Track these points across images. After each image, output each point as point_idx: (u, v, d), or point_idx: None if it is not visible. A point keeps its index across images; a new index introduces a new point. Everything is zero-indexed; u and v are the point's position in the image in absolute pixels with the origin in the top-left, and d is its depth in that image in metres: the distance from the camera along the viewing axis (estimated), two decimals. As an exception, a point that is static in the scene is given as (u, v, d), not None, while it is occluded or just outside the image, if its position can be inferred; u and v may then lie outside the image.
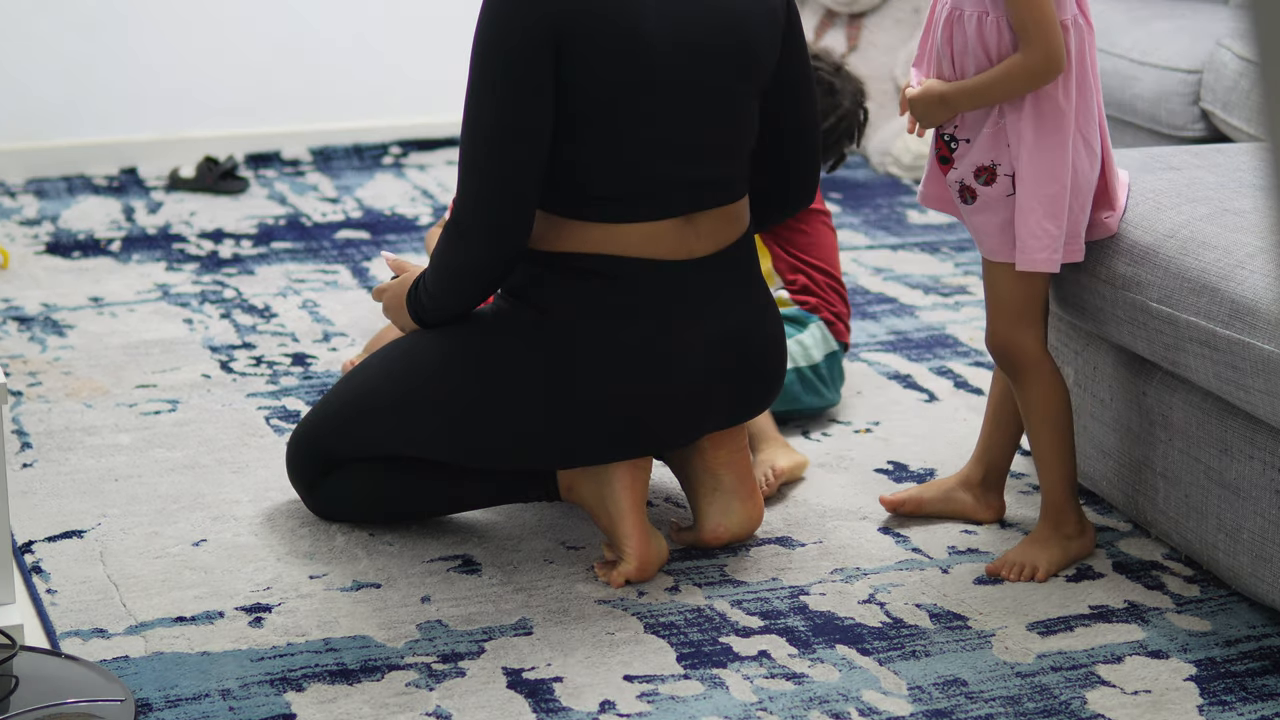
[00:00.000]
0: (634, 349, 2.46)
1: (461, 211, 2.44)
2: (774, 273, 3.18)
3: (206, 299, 3.72)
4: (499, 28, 2.38)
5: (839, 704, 2.23)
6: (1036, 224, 2.47)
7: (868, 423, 3.13)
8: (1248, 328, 2.31)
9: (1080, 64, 2.45)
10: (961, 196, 2.53)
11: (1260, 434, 2.37)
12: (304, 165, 4.81)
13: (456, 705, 2.21)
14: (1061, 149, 2.45)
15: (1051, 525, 2.59)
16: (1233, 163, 2.72)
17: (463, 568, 2.56)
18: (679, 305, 2.48)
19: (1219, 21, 4.16)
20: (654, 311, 2.47)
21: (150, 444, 2.96)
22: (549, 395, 2.46)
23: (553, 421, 2.48)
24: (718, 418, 2.56)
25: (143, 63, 4.74)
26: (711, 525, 2.61)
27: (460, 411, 2.51)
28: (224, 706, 2.19)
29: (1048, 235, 2.47)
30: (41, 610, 2.42)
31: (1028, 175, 2.46)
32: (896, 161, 4.84)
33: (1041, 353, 2.56)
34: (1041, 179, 2.45)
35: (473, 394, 2.49)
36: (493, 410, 2.49)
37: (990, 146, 2.48)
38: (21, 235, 4.15)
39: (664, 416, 2.50)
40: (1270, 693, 2.28)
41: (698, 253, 2.50)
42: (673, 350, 2.47)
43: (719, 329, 2.51)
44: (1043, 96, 2.44)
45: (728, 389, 2.54)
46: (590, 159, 2.43)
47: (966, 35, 2.46)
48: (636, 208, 2.46)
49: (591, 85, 2.40)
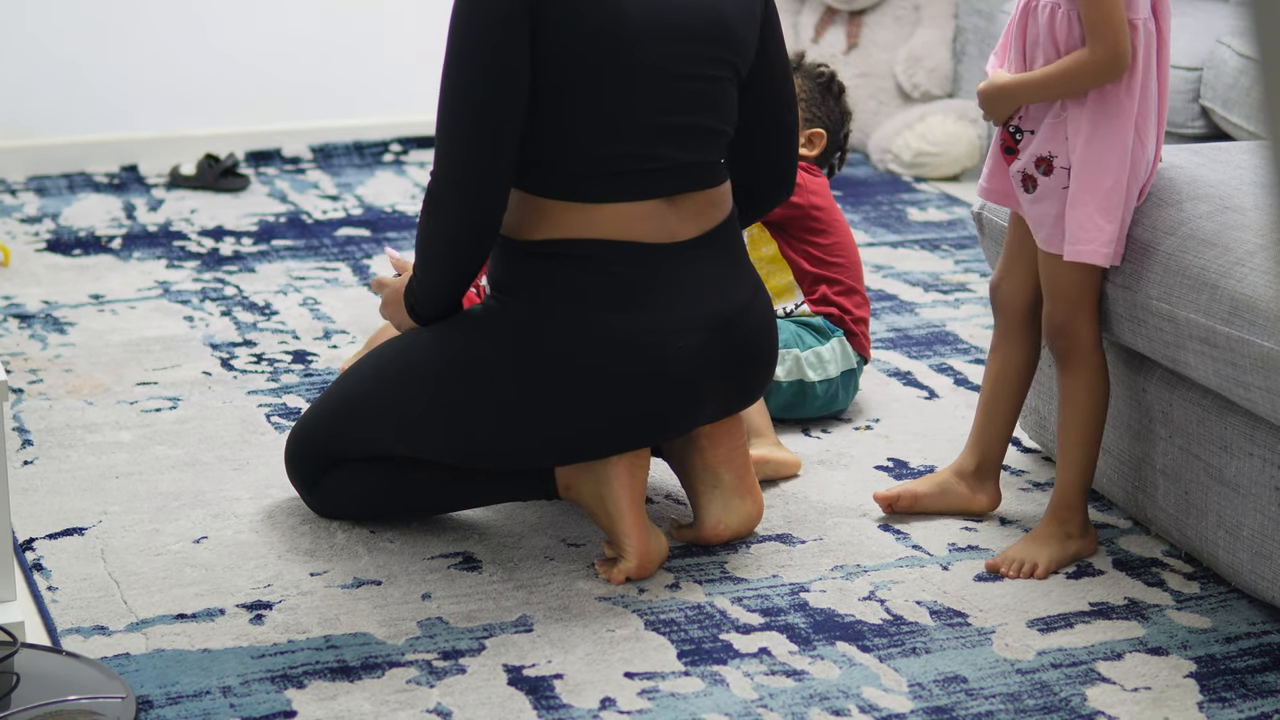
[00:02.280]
0: (623, 332, 2.46)
1: (437, 182, 2.47)
2: (794, 285, 3.17)
3: (207, 296, 3.72)
4: (475, 3, 2.42)
5: (839, 701, 2.23)
6: (1088, 217, 2.49)
7: (868, 420, 3.13)
8: (1247, 325, 2.31)
9: (1146, 66, 2.46)
10: (1024, 185, 2.56)
11: (1260, 431, 2.38)
12: (305, 163, 4.81)
13: (457, 702, 2.21)
14: (1119, 146, 2.47)
15: (1057, 522, 2.59)
16: (1233, 160, 2.72)
17: (463, 565, 2.56)
18: (665, 288, 2.49)
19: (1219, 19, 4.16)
20: (640, 294, 2.47)
21: (151, 441, 2.97)
22: (541, 389, 2.46)
23: (546, 416, 2.48)
24: (713, 406, 2.56)
25: (143, 60, 4.74)
26: (712, 522, 2.61)
27: (454, 412, 2.51)
28: (225, 704, 2.20)
29: (1097, 228, 2.49)
30: (42, 607, 2.42)
31: (1081, 168, 2.48)
32: (896, 159, 4.84)
33: (1095, 344, 2.57)
34: (1095, 173, 2.47)
35: (465, 394, 2.50)
36: (485, 409, 2.49)
37: (1050, 138, 2.51)
38: (22, 233, 4.15)
39: (657, 403, 2.49)
40: (1270, 689, 2.28)
41: (680, 236, 2.51)
42: (662, 331, 2.47)
43: (707, 311, 2.51)
44: (1105, 93, 2.46)
45: (721, 373, 2.53)
46: (569, 137, 2.45)
47: (1039, 26, 2.49)
48: (617, 187, 2.47)
49: (571, 64, 2.42)
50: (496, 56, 2.41)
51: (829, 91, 3.27)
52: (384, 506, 2.66)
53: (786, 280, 3.16)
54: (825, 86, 3.26)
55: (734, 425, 2.62)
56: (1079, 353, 2.57)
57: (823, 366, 3.07)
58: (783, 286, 3.16)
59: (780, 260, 3.16)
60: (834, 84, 3.28)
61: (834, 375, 3.08)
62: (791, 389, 3.05)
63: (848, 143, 3.32)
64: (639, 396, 2.48)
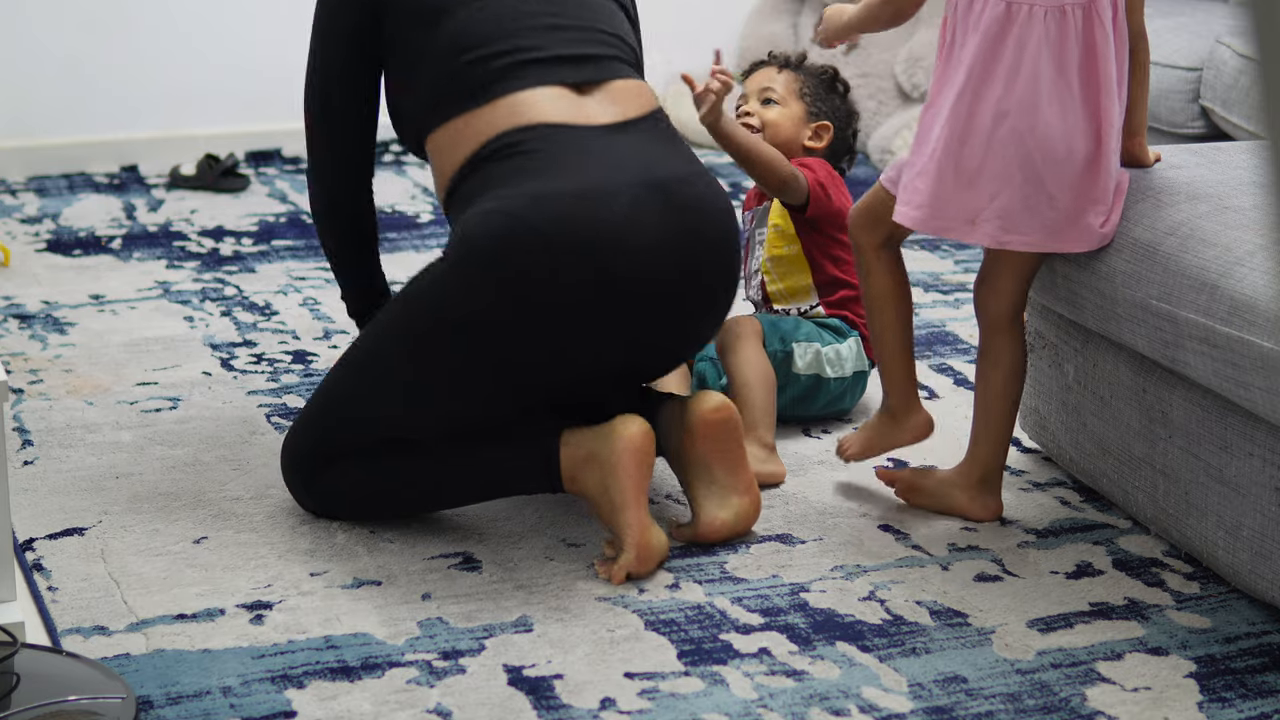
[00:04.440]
0: (549, 196, 2.50)
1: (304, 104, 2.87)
2: (812, 288, 3.17)
3: (207, 296, 3.73)
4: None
5: (839, 701, 2.23)
6: (909, 179, 2.60)
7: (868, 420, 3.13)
8: (1247, 325, 2.31)
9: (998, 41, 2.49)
10: None
11: (1260, 431, 2.38)
12: (305, 163, 4.80)
13: (457, 702, 2.21)
14: (931, 109, 2.57)
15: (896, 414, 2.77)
16: (1232, 160, 2.72)
17: (463, 565, 2.56)
18: (586, 158, 2.56)
19: (1218, 19, 4.17)
20: (560, 165, 2.54)
21: (151, 441, 2.97)
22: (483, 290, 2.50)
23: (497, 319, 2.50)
24: (672, 298, 2.56)
25: (143, 60, 4.74)
26: (707, 519, 2.61)
27: (424, 366, 2.56)
28: (225, 704, 2.20)
29: (914, 189, 2.58)
30: (43, 607, 2.42)
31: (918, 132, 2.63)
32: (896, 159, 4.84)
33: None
34: (921, 139, 2.59)
35: (429, 326, 2.56)
36: (447, 345, 2.54)
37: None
38: (22, 233, 4.15)
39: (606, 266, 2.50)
40: (1270, 689, 2.28)
41: (597, 119, 2.60)
42: (589, 193, 2.51)
43: (635, 176, 2.56)
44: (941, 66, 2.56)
45: (668, 242, 2.54)
46: (448, 54, 2.63)
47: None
48: (510, 80, 2.59)
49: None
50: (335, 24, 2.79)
51: (833, 89, 3.27)
52: (381, 503, 2.66)
53: (806, 282, 3.16)
54: (829, 83, 3.26)
55: (725, 416, 2.60)
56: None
57: (841, 364, 3.07)
58: (801, 288, 3.16)
59: (803, 261, 3.15)
60: (838, 81, 3.28)
61: (848, 374, 3.09)
62: (809, 381, 3.05)
63: (856, 142, 3.32)
64: (585, 263, 2.49)
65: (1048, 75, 2.47)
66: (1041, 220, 2.52)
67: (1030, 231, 2.53)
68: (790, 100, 3.23)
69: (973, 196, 2.52)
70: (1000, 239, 2.54)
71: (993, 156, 2.50)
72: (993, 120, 2.49)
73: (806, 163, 3.16)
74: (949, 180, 2.53)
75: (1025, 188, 2.50)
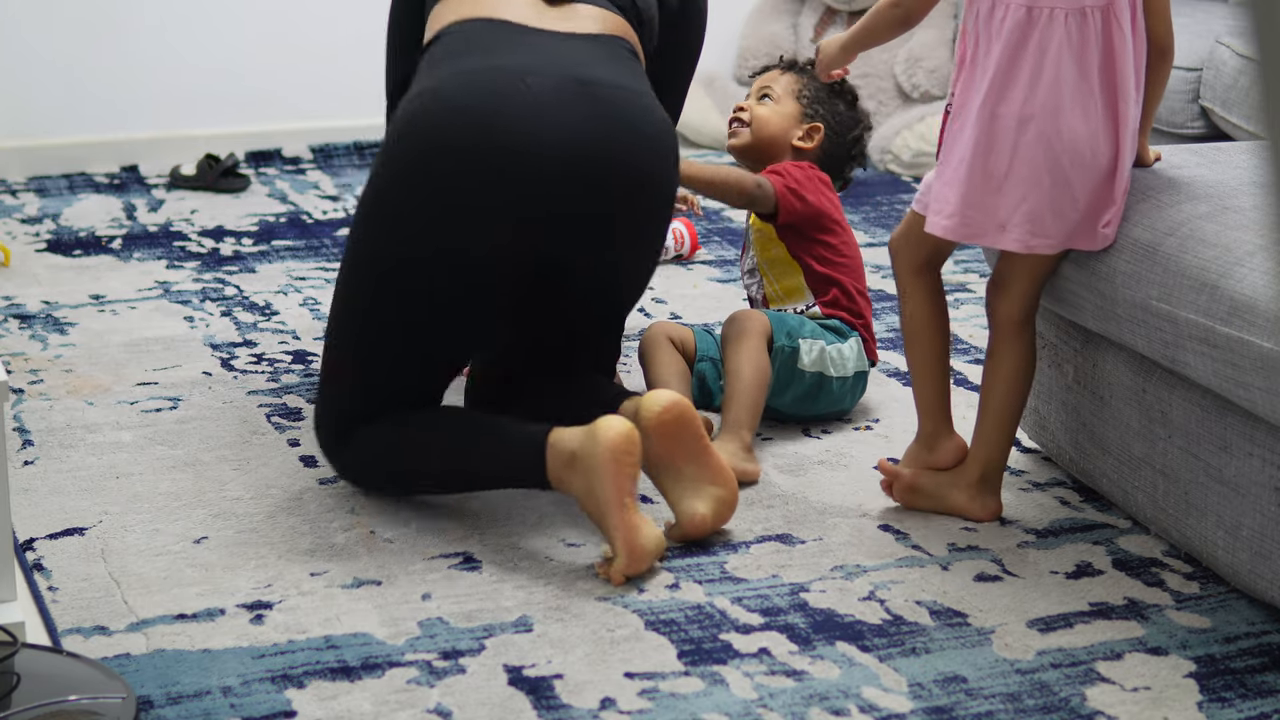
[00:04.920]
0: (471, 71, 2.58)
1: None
2: (804, 287, 3.17)
3: (207, 296, 3.73)
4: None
5: (839, 701, 2.23)
6: (939, 188, 2.60)
7: (868, 420, 3.13)
8: (1247, 325, 2.31)
9: (1020, 46, 2.49)
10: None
11: (1259, 431, 2.38)
12: (305, 163, 4.81)
13: (457, 702, 2.21)
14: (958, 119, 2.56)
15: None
16: (1232, 160, 2.72)
17: (463, 565, 2.57)
18: (530, 46, 2.64)
19: (1218, 19, 4.17)
20: (492, 48, 2.62)
21: (151, 441, 2.97)
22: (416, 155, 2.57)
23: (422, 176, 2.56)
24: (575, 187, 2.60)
25: (143, 60, 4.74)
26: (687, 515, 2.60)
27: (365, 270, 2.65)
28: (225, 703, 2.20)
29: (944, 199, 2.58)
30: (43, 607, 2.42)
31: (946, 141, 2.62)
32: (896, 159, 4.84)
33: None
34: (949, 148, 2.58)
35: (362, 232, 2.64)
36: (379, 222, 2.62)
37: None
38: (22, 233, 4.15)
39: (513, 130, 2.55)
40: (1270, 689, 2.28)
41: (551, 27, 2.67)
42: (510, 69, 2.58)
43: (564, 72, 2.61)
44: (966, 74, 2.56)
45: (584, 132, 2.58)
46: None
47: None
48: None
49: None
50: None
51: (837, 95, 3.27)
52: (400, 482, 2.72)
53: (797, 281, 3.16)
54: (832, 89, 3.26)
55: (675, 414, 2.58)
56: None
57: (843, 364, 3.08)
58: (794, 287, 3.17)
59: (791, 262, 3.16)
60: (845, 88, 3.28)
61: (849, 374, 3.09)
62: (813, 380, 3.05)
63: (858, 150, 3.31)
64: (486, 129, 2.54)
65: (1070, 78, 2.48)
66: (1065, 223, 2.53)
67: (1055, 234, 2.54)
68: (786, 99, 3.24)
69: (1002, 202, 2.53)
70: (1029, 243, 2.54)
71: (1020, 161, 2.50)
72: (1018, 125, 2.49)
73: (778, 168, 3.16)
74: (978, 187, 2.53)
75: (1053, 191, 2.51)
